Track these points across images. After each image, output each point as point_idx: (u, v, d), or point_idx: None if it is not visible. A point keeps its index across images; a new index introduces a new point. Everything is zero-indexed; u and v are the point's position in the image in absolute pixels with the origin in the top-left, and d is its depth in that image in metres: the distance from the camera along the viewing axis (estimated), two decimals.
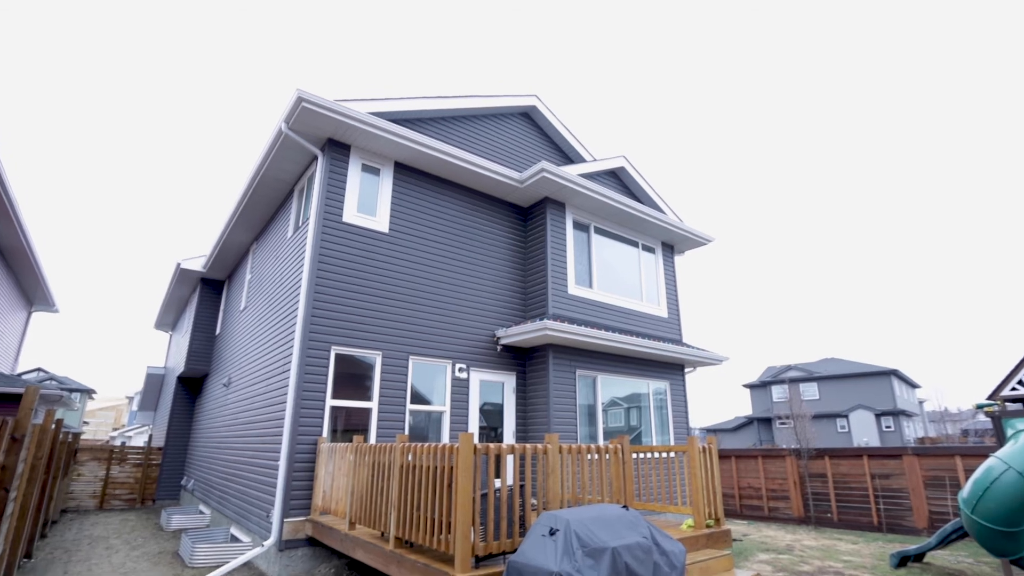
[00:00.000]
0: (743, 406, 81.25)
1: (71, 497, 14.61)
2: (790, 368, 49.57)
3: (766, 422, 47.73)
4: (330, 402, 7.76)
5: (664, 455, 8.26)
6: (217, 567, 7.47)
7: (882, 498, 12.20)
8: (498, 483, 4.64)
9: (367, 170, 9.07)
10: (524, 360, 10.12)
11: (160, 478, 15.75)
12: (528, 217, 11.00)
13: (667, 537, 4.29)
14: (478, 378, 9.44)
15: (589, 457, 5.70)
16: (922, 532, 11.37)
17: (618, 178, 12.54)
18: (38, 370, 31.40)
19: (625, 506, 4.51)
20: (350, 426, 7.96)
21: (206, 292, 15.71)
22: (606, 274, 11.30)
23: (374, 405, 8.14)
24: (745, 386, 50.91)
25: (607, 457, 5.89)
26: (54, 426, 8.58)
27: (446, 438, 8.77)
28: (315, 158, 8.97)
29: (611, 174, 12.36)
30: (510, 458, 6.41)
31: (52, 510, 10.76)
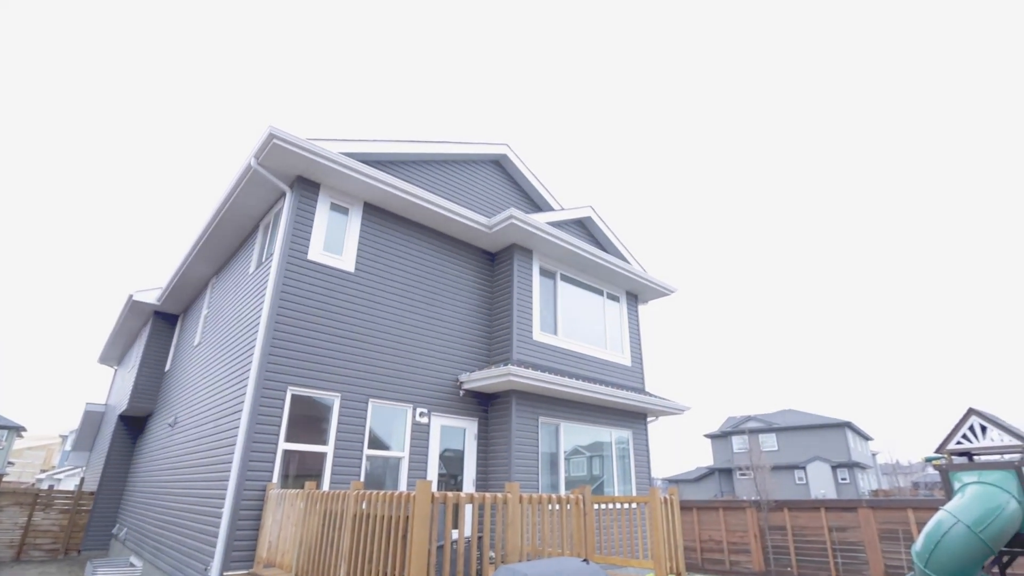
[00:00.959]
0: (704, 456, 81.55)
1: None
2: (750, 419, 50.33)
3: (727, 472, 47.91)
4: (283, 445, 7.42)
5: (626, 506, 8.15)
6: None
7: (840, 551, 12.27)
8: (455, 534, 4.48)
9: (336, 209, 9.04)
10: (487, 406, 9.97)
11: (89, 525, 14.52)
12: (495, 262, 11.09)
13: None
14: (439, 423, 9.23)
15: (550, 507, 5.58)
16: None
17: (585, 227, 12.84)
18: None
19: (586, 559, 4.41)
20: (303, 471, 7.60)
21: (158, 326, 15.06)
22: (571, 322, 11.40)
23: (330, 449, 7.82)
24: (706, 436, 51.29)
25: (568, 508, 5.78)
26: None
27: (403, 486, 8.46)
28: (283, 194, 8.90)
29: (578, 223, 12.66)
30: (469, 507, 6.21)
31: None
